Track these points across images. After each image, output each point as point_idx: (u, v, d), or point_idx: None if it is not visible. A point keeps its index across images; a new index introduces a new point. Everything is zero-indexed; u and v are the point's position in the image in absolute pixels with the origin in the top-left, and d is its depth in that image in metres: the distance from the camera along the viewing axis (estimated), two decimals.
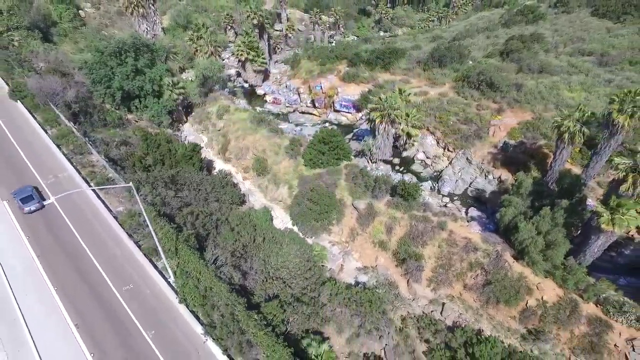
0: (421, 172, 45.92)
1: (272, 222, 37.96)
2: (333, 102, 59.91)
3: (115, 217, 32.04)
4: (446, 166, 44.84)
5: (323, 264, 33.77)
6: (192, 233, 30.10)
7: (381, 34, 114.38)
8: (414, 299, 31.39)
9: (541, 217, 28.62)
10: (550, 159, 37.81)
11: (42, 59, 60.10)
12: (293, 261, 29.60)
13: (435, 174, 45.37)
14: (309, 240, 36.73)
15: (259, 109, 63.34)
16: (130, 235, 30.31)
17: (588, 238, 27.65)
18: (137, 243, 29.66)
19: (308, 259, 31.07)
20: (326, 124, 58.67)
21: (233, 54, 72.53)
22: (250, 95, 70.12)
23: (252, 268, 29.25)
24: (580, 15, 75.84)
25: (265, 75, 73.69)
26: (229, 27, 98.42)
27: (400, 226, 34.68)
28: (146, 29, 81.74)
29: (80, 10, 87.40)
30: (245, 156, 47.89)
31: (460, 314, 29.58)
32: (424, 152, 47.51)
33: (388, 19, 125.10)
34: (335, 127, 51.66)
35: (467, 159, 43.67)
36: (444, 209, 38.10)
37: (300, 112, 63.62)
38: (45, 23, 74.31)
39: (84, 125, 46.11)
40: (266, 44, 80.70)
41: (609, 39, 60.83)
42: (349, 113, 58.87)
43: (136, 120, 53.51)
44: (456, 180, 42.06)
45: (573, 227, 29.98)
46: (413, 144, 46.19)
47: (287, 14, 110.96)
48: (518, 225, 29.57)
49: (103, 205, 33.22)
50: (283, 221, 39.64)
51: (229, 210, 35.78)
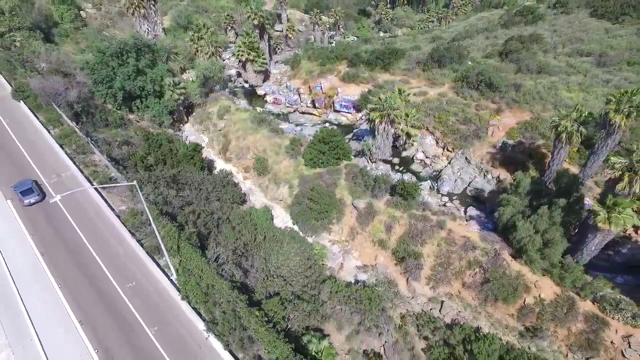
0: (420, 172, 46.20)
1: (273, 221, 38.24)
2: (333, 103, 60.16)
3: (118, 216, 32.34)
4: (445, 166, 45.09)
5: (323, 263, 34.04)
6: (194, 231, 30.40)
7: (381, 34, 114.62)
8: (413, 297, 31.70)
9: (539, 216, 28.93)
10: (548, 158, 38.10)
11: (44, 59, 60.36)
12: (293, 259, 29.85)
13: (434, 173, 45.65)
14: (309, 239, 37.00)
15: (259, 109, 63.61)
16: (133, 233, 30.61)
17: (585, 237, 27.89)
18: (140, 241, 29.95)
19: (308, 257, 31.33)
20: (326, 124, 58.90)
21: (234, 54, 72.78)
22: (251, 95, 70.46)
23: (253, 266, 29.54)
24: (579, 16, 75.98)
25: (266, 75, 73.90)
26: (230, 28, 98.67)
27: (399, 225, 34.98)
28: (147, 29, 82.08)
29: (81, 11, 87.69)
30: (245, 156, 48.21)
31: (458, 311, 29.87)
32: (423, 152, 47.81)
33: (388, 19, 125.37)
34: (335, 127, 51.91)
35: (466, 158, 43.97)
36: (443, 208, 38.40)
37: (300, 112, 63.90)
38: (46, 24, 74.63)
39: (86, 125, 46.42)
40: (266, 44, 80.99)
41: (608, 40, 60.99)
42: (348, 113, 59.13)
43: (137, 121, 53.80)
44: (455, 180, 42.35)
45: (570, 226, 30.20)
46: (412, 144, 46.43)
47: (288, 15, 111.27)
48: (516, 224, 29.83)
49: (106, 204, 33.52)
50: (283, 220, 39.95)
51: (230, 210, 36.04)
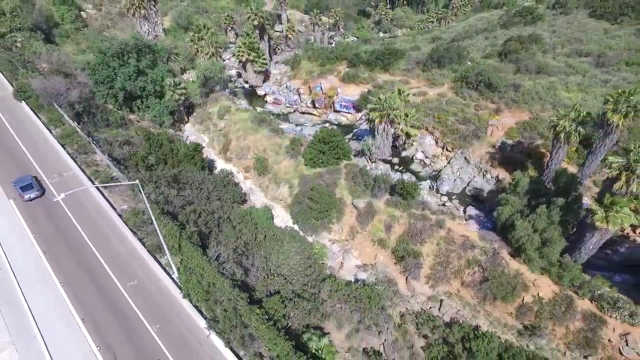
0: (420, 172, 46.42)
1: (273, 221, 38.47)
2: (333, 103, 60.39)
3: (119, 215, 32.55)
4: (445, 166, 45.33)
5: (323, 262, 34.21)
6: (195, 230, 30.60)
7: (381, 35, 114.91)
8: (412, 296, 31.88)
9: (537, 215, 29.11)
10: (547, 158, 38.33)
11: (45, 59, 60.58)
12: (294, 258, 30.05)
13: (434, 173, 45.87)
14: (309, 238, 37.19)
15: (259, 109, 63.80)
16: (135, 232, 30.82)
17: (583, 235, 28.12)
18: (141, 240, 30.17)
19: (308, 256, 31.52)
20: (326, 124, 59.10)
21: (234, 54, 73.03)
22: (251, 95, 70.66)
23: (254, 265, 29.72)
24: (578, 16, 76.25)
25: (266, 76, 74.14)
26: (230, 28, 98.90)
27: (399, 224, 35.17)
28: (147, 30, 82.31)
29: (81, 12, 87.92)
30: (246, 156, 48.43)
31: (458, 310, 30.07)
32: (422, 152, 48.04)
33: (387, 20, 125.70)
34: (335, 127, 52.14)
35: (466, 158, 44.21)
36: (443, 207, 38.61)
37: (300, 113, 64.13)
38: (47, 24, 74.89)
39: (87, 125, 46.65)
40: (267, 45, 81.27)
41: (606, 40, 61.29)
42: (348, 113, 59.36)
43: (138, 121, 54.02)
44: (454, 180, 42.57)
45: (569, 225, 30.41)
46: (412, 144, 46.72)
47: (288, 15, 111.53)
48: (515, 223, 29.99)
49: (107, 203, 33.73)
50: (284, 220, 40.16)
51: (231, 209, 36.20)
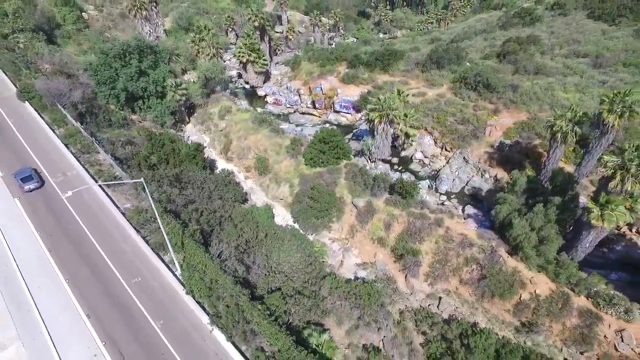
0: (419, 171, 46.82)
1: (274, 220, 38.82)
2: (333, 103, 60.80)
3: (123, 214, 33.02)
4: (444, 165, 45.76)
5: (323, 260, 34.55)
6: (197, 229, 31.01)
7: (380, 35, 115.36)
8: (411, 293, 32.28)
9: (535, 214, 29.46)
10: (544, 157, 38.71)
11: (47, 60, 61.08)
12: (294, 256, 30.54)
13: (433, 172, 46.28)
14: (309, 237, 37.54)
15: (260, 109, 64.18)
16: (138, 230, 31.26)
17: (579, 234, 28.47)
18: (145, 238, 30.63)
19: (309, 254, 32.01)
20: (326, 124, 59.46)
21: (234, 55, 73.49)
22: (252, 96, 71.08)
23: (255, 262, 30.18)
24: (576, 17, 76.57)
25: (266, 76, 74.56)
26: (230, 29, 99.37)
27: (398, 223, 35.55)
28: (149, 31, 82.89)
29: (83, 13, 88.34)
30: (247, 156, 48.86)
31: (456, 307, 30.46)
32: (422, 152, 48.48)
33: (387, 21, 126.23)
34: (335, 127, 52.52)
35: (464, 158, 44.65)
36: (441, 206, 39.01)
37: (300, 113, 64.55)
38: (49, 25, 75.29)
39: (90, 125, 47.10)
40: (267, 45, 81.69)
41: (604, 41, 61.69)
42: (348, 113, 59.79)
43: (140, 121, 54.47)
44: (453, 179, 43.01)
45: (566, 224, 30.84)
46: (411, 144, 47.13)
47: (288, 16, 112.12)
48: (512, 222, 30.33)
49: (111, 202, 34.20)
50: (284, 218, 40.59)
51: (232, 208, 36.61)
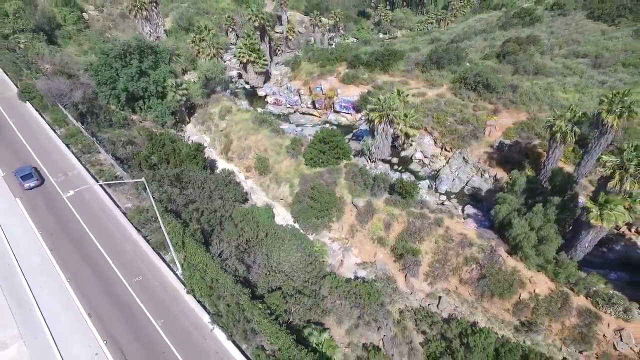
0: (419, 171, 46.97)
1: (274, 219, 38.92)
2: (333, 103, 60.93)
3: (124, 213, 33.11)
4: (443, 165, 45.90)
5: (323, 259, 34.65)
6: (198, 228, 31.11)
7: (380, 36, 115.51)
8: (411, 293, 32.40)
9: (534, 214, 29.61)
10: (543, 157, 38.81)
11: (48, 60, 61.15)
12: (295, 255, 30.64)
13: (432, 172, 46.42)
14: (309, 236, 37.66)
15: (260, 109, 64.28)
16: (139, 230, 31.36)
17: (579, 233, 28.60)
18: (146, 237, 30.73)
19: (309, 254, 32.10)
20: (326, 124, 59.61)
21: (235, 56, 73.65)
22: (252, 96, 71.24)
23: (256, 262, 30.28)
24: (575, 17, 76.70)
25: (266, 76, 74.69)
26: (231, 30, 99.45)
27: (398, 223, 35.66)
28: (149, 31, 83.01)
29: (83, 13, 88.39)
30: (247, 156, 48.97)
31: (455, 307, 30.57)
32: (421, 152, 48.61)
33: (387, 21, 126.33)
34: (335, 128, 52.70)
35: (464, 158, 44.77)
36: (441, 206, 39.13)
37: (300, 113, 64.70)
38: (49, 26, 75.27)
39: (91, 125, 47.17)
40: (267, 46, 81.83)
41: (604, 42, 61.80)
42: (348, 114, 59.93)
43: (140, 121, 54.56)
44: (453, 179, 43.14)
45: (565, 223, 30.93)
46: (411, 144, 47.26)
47: (288, 17, 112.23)
48: (512, 222, 30.45)
49: (112, 202, 34.29)
50: (284, 218, 40.69)
51: (232, 208, 36.70)
